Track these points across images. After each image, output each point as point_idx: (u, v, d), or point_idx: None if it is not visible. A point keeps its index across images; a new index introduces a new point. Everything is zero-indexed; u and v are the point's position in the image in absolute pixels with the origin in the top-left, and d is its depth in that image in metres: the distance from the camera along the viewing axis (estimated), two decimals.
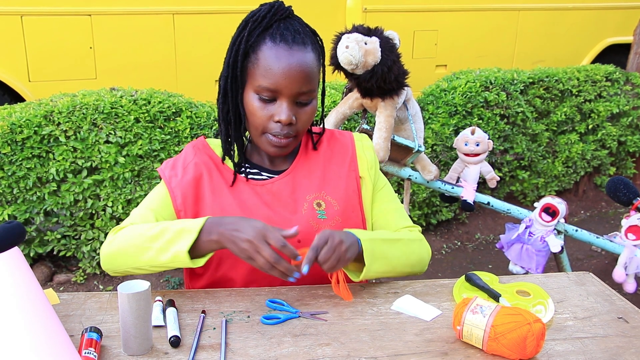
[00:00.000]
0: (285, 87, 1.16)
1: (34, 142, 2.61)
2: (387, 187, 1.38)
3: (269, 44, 1.16)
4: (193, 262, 1.12)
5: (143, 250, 1.14)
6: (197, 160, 1.28)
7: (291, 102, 1.18)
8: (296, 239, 1.23)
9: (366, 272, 1.17)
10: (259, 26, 1.18)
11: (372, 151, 1.37)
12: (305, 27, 1.22)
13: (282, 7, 1.21)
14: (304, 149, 1.33)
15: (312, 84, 1.19)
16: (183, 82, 3.91)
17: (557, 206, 2.23)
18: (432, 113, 3.47)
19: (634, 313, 1.17)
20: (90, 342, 0.96)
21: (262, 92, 1.17)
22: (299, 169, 1.30)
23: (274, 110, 1.18)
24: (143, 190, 2.74)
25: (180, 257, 1.10)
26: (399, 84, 2.14)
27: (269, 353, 0.99)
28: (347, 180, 1.31)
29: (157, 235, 1.13)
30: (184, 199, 1.25)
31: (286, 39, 1.16)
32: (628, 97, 4.11)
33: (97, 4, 3.65)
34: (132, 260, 1.16)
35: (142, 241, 1.14)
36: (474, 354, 1.01)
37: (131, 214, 1.26)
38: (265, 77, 1.16)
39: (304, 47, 1.17)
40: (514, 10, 4.87)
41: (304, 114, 1.21)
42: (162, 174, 1.28)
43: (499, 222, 3.79)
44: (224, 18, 3.93)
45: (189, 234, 1.11)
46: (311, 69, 1.18)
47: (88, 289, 2.85)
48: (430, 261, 1.49)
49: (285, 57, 1.15)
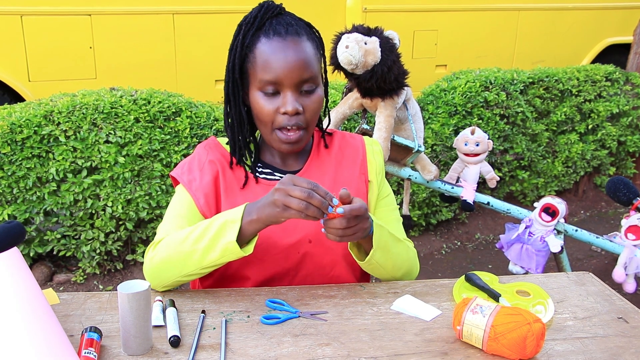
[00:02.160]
0: (285, 76, 1.16)
1: (33, 142, 2.61)
2: (391, 196, 1.39)
3: (263, 40, 1.18)
4: (244, 250, 1.12)
5: (189, 254, 1.13)
6: (212, 158, 1.28)
7: (295, 92, 1.18)
8: (307, 239, 1.24)
9: (370, 257, 1.18)
10: (251, 27, 1.19)
11: (381, 157, 1.37)
12: (298, 21, 1.23)
13: (272, 5, 1.22)
14: (316, 149, 1.34)
15: (312, 71, 1.19)
16: (183, 82, 3.91)
17: (557, 206, 2.23)
18: (432, 113, 3.47)
19: (634, 313, 1.17)
20: (90, 342, 0.96)
21: (265, 86, 1.17)
22: (311, 170, 1.30)
23: (279, 102, 1.18)
24: (143, 190, 2.74)
25: (230, 249, 1.09)
26: (398, 83, 2.14)
27: (269, 353, 0.99)
28: (358, 183, 1.32)
29: (199, 236, 1.12)
30: (206, 200, 1.24)
31: (279, 32, 1.17)
32: (628, 97, 4.11)
33: (97, 4, 3.65)
34: (179, 269, 1.15)
35: (185, 246, 1.13)
36: (474, 354, 1.01)
37: (160, 229, 1.24)
38: (265, 71, 1.16)
39: (297, 37, 1.18)
40: (514, 10, 4.87)
41: (311, 103, 1.20)
42: (180, 179, 1.27)
43: (499, 222, 3.79)
44: (224, 18, 3.93)
45: (232, 223, 1.10)
46: (309, 56, 1.18)
47: (88, 288, 2.85)
48: (430, 261, 1.49)
49: (280, 48, 1.16)
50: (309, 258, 1.26)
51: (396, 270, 1.27)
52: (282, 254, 1.24)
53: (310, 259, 1.26)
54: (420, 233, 3.59)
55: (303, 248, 1.25)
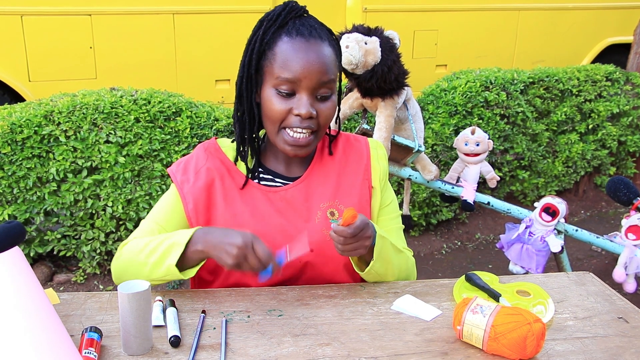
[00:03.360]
0: (305, 77, 1.14)
1: (34, 142, 2.61)
2: (394, 203, 1.37)
3: (285, 39, 1.16)
4: (183, 274, 1.13)
5: (142, 265, 1.16)
6: (209, 165, 1.26)
7: (311, 96, 1.17)
8: (309, 247, 1.23)
9: (370, 268, 1.19)
10: (274, 24, 1.17)
11: (385, 161, 1.35)
12: (321, 25, 1.22)
13: (296, 6, 1.21)
14: (319, 155, 1.31)
15: (331, 76, 1.17)
16: (183, 82, 3.91)
17: (557, 206, 2.23)
18: (432, 113, 3.47)
19: (634, 313, 1.17)
20: (90, 342, 0.96)
21: (281, 85, 1.15)
22: (313, 176, 1.28)
23: (294, 104, 1.16)
24: (143, 190, 2.74)
25: (171, 271, 1.12)
26: (399, 83, 2.14)
27: (269, 353, 0.99)
28: (361, 189, 1.30)
29: (152, 250, 1.15)
30: (195, 206, 1.24)
31: (302, 33, 1.16)
32: (628, 97, 4.11)
33: (97, 4, 3.65)
34: (134, 275, 1.17)
35: (140, 257, 1.16)
36: (474, 354, 1.01)
37: (140, 225, 1.28)
38: (284, 69, 1.14)
39: (320, 40, 1.17)
40: (514, 10, 4.87)
41: (325, 109, 1.19)
42: (174, 177, 1.27)
43: (499, 222, 3.79)
44: (224, 18, 3.93)
45: (178, 247, 1.12)
46: (329, 61, 1.17)
47: (88, 288, 2.85)
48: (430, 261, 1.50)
49: (303, 49, 1.15)
50: (310, 267, 1.25)
51: (394, 280, 1.29)
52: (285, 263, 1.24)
53: (312, 268, 1.26)
54: (420, 233, 3.59)
55: (305, 257, 1.23)
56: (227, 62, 3.95)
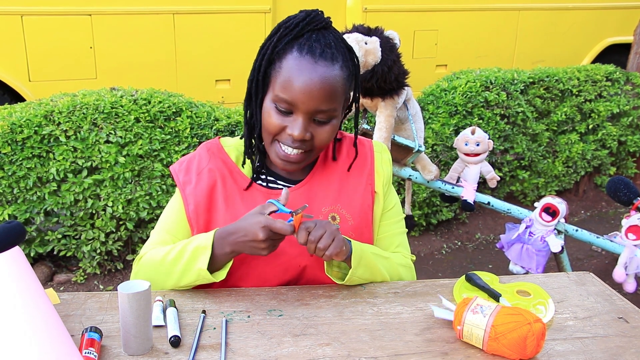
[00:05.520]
0: (302, 102, 1.11)
1: (34, 142, 2.61)
2: (397, 207, 1.36)
3: (294, 54, 1.11)
4: (214, 276, 1.15)
5: (167, 275, 1.18)
6: (212, 167, 1.25)
7: (307, 119, 1.13)
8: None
9: (351, 275, 1.18)
10: (289, 33, 1.13)
11: (390, 166, 1.33)
12: (339, 42, 1.16)
13: (319, 17, 1.15)
14: (322, 158, 1.30)
15: (333, 103, 1.13)
16: (183, 82, 3.91)
17: (558, 206, 2.23)
18: (432, 113, 3.47)
19: (634, 313, 1.17)
20: (90, 342, 0.96)
21: (279, 102, 1.13)
22: (315, 180, 1.27)
23: (289, 122, 1.14)
24: (143, 190, 2.74)
25: (202, 274, 1.13)
26: (399, 83, 2.14)
27: (269, 353, 0.99)
28: (364, 194, 1.28)
29: (175, 258, 1.17)
30: (196, 207, 1.24)
31: (313, 51, 1.11)
32: (628, 97, 4.11)
33: (97, 4, 3.65)
34: (160, 286, 1.20)
35: (164, 267, 1.18)
36: (474, 354, 1.01)
37: (151, 235, 1.29)
38: (283, 89, 1.11)
39: (331, 63, 1.12)
40: (514, 10, 4.87)
41: (322, 133, 1.16)
42: (176, 177, 1.27)
43: (499, 222, 3.79)
44: (224, 18, 3.93)
45: (204, 250, 1.13)
46: (334, 87, 1.12)
47: (88, 288, 2.85)
48: (430, 261, 1.49)
49: (307, 70, 1.10)
50: (309, 270, 1.25)
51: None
52: (283, 266, 1.24)
53: (311, 271, 1.25)
54: (420, 233, 3.59)
55: (304, 261, 1.23)
56: (227, 62, 3.96)
